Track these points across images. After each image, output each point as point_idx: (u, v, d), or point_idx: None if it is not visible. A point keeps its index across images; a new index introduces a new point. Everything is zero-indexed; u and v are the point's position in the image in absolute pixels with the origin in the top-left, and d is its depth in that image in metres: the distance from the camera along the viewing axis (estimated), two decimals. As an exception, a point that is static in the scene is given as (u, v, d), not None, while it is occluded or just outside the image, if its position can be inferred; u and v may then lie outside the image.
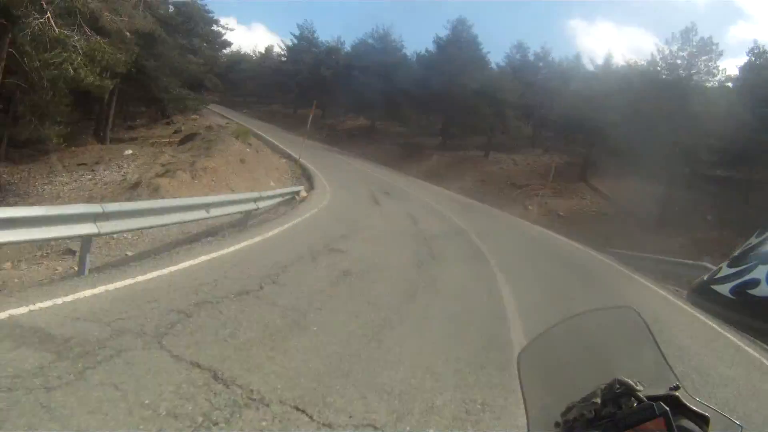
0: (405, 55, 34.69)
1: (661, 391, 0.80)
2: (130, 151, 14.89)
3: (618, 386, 0.81)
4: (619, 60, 27.67)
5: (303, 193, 10.71)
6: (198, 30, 26.11)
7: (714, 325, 6.15)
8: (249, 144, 14.75)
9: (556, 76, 29.19)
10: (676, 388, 0.81)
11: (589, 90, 22.61)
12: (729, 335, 6.01)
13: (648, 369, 0.93)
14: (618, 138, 19.21)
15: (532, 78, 30.15)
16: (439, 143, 30.41)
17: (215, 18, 29.15)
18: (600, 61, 28.39)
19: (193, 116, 24.69)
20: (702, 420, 0.78)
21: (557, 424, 0.84)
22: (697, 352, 5.15)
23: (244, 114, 36.61)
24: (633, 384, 0.81)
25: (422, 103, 30.22)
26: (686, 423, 0.77)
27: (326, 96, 31.36)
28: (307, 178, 14.31)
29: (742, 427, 0.81)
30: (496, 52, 69.60)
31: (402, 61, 33.48)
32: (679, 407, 0.77)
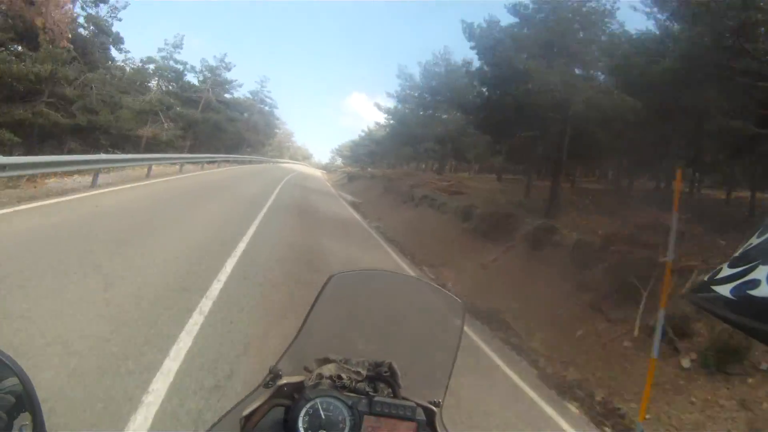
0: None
1: (422, 399, 0.77)
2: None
3: (386, 371, 0.78)
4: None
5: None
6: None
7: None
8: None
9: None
10: (437, 404, 0.78)
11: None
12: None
13: (427, 366, 0.88)
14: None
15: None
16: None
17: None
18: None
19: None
20: None
21: (307, 369, 0.78)
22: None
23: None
24: (399, 377, 0.78)
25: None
26: None
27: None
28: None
29: None
30: None
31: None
32: (429, 422, 0.75)
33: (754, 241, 0.67)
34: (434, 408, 0.76)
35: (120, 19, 23.11)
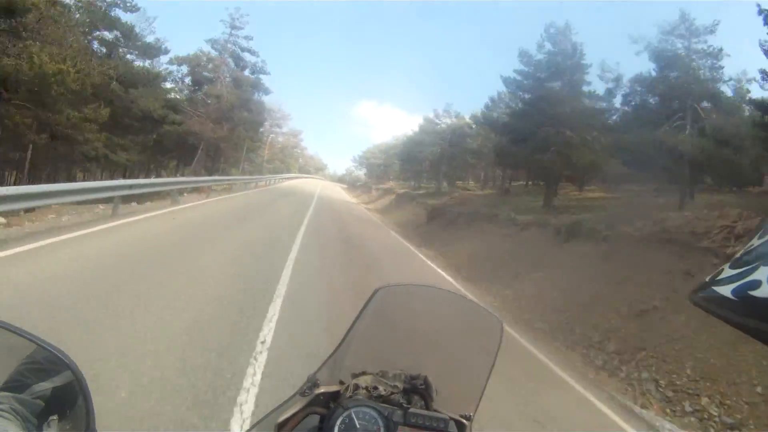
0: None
1: (454, 412, 0.78)
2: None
3: (422, 383, 0.79)
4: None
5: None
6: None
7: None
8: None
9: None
10: (469, 418, 0.79)
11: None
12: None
13: (461, 381, 0.88)
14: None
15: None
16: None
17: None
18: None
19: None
20: None
21: (341, 383, 0.78)
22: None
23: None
24: (434, 390, 0.79)
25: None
26: None
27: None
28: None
29: None
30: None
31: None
32: None
33: (755, 242, 0.68)
34: (465, 421, 0.77)
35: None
